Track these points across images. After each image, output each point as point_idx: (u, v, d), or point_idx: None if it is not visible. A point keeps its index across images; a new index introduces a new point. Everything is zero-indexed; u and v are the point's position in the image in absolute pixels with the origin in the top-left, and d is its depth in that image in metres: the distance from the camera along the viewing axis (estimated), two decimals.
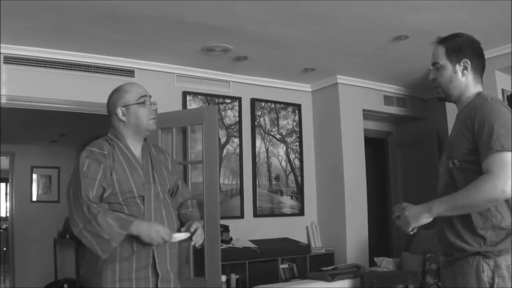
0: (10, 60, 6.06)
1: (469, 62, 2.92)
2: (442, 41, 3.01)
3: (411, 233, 2.85)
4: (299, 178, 8.21)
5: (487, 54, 3.18)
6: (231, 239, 6.90)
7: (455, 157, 2.81)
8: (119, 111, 3.40)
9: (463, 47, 2.94)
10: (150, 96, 3.51)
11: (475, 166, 2.70)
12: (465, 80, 2.94)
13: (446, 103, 7.12)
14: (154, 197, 3.31)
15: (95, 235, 3.00)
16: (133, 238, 3.12)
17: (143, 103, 3.43)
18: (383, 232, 9.76)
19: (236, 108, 7.64)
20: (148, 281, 3.20)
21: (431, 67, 3.04)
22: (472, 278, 2.67)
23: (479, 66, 2.97)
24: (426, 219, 2.76)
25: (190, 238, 3.34)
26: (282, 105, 8.16)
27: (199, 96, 7.26)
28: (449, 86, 2.96)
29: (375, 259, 6.95)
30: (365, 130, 8.42)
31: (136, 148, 3.44)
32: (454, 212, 2.72)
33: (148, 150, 3.53)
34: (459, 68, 2.93)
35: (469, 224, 2.72)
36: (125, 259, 3.15)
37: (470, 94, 2.94)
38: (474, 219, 2.70)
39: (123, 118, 3.40)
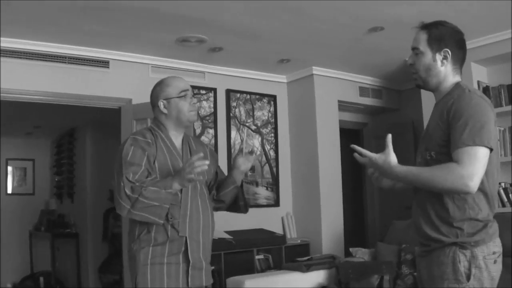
0: None
1: (449, 52, 2.90)
2: (426, 27, 2.96)
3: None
4: (274, 169, 8.21)
5: None
6: None
7: (432, 149, 2.80)
8: (161, 103, 3.51)
9: (445, 37, 2.91)
10: (192, 91, 3.60)
11: (450, 158, 2.68)
12: (443, 70, 2.91)
13: (422, 94, 7.26)
14: (192, 187, 3.40)
15: (145, 208, 3.14)
16: (169, 225, 3.25)
17: (184, 96, 3.51)
18: (358, 222, 9.81)
19: (211, 99, 7.61)
20: (179, 266, 3.30)
21: (411, 51, 3.01)
22: (449, 268, 2.67)
23: (460, 57, 2.95)
24: (389, 170, 2.82)
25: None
26: (257, 96, 8.15)
27: None
28: (427, 73, 2.93)
29: (351, 249, 6.97)
30: (340, 121, 8.44)
31: (177, 139, 3.55)
32: (413, 182, 2.78)
33: (188, 142, 3.63)
34: (439, 57, 2.90)
35: (446, 216, 2.73)
36: (159, 244, 3.26)
37: (448, 84, 2.92)
38: (451, 211, 2.71)
39: (165, 111, 3.50)
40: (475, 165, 2.57)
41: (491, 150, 2.63)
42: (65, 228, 10.44)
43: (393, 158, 2.82)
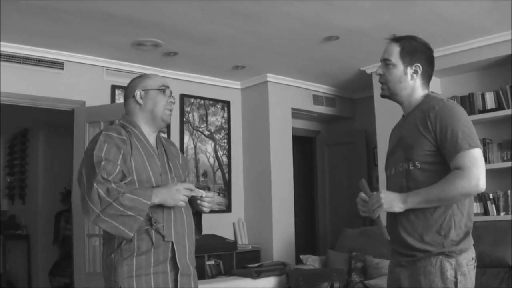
0: None
1: (420, 68, 2.94)
2: (399, 40, 3.00)
3: (375, 217, 2.82)
4: (226, 175, 8.20)
5: None
6: None
7: (416, 158, 2.81)
8: (138, 93, 3.31)
9: (418, 52, 2.96)
10: (171, 92, 3.43)
11: (438, 167, 2.76)
12: (412, 84, 2.96)
13: (375, 103, 7.33)
14: None
15: (118, 216, 2.90)
16: (153, 230, 3.04)
17: (163, 91, 3.35)
18: (309, 230, 9.86)
19: None
20: (167, 276, 3.09)
21: (381, 62, 3.04)
22: (437, 278, 2.69)
23: (429, 73, 3.01)
24: (398, 208, 2.76)
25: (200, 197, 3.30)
26: (211, 102, 8.14)
27: None
28: (397, 86, 2.96)
29: (301, 256, 7.00)
30: (293, 128, 8.48)
31: (150, 136, 3.33)
32: (428, 205, 2.73)
33: (161, 141, 3.43)
34: (410, 70, 2.94)
35: (431, 224, 2.75)
36: (143, 253, 3.02)
37: (418, 96, 2.97)
38: (437, 218, 2.74)
39: (140, 101, 3.30)
40: (477, 166, 2.66)
41: None
42: (16, 229, 10.23)
43: (393, 193, 2.82)
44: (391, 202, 2.76)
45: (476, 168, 2.64)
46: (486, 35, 6.34)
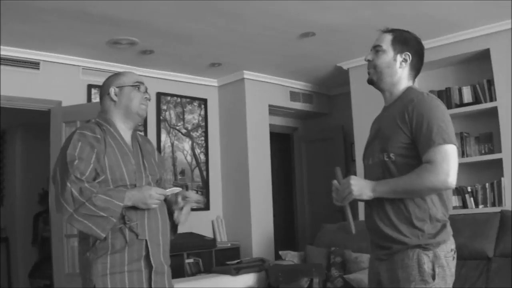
0: None
1: (410, 56, 2.97)
2: (391, 30, 3.04)
3: (345, 203, 2.84)
4: (204, 173, 8.19)
5: None
6: None
7: (391, 150, 2.82)
8: (112, 90, 3.31)
9: (409, 42, 2.99)
10: (146, 88, 3.44)
11: (412, 160, 2.75)
12: (400, 72, 2.97)
13: (352, 99, 7.35)
14: None
15: (90, 216, 2.90)
16: (126, 228, 3.03)
17: (138, 87, 3.36)
18: (288, 226, 9.88)
19: None
20: (141, 274, 3.09)
21: (371, 50, 3.04)
22: (415, 270, 2.70)
23: (417, 66, 3.03)
24: (367, 196, 2.78)
25: (186, 186, 3.29)
26: (188, 100, 8.12)
27: None
28: (385, 71, 2.97)
29: (280, 252, 7.00)
30: (271, 125, 8.50)
31: (126, 134, 3.33)
32: (395, 196, 2.75)
33: (136, 139, 3.43)
34: (399, 58, 2.96)
35: (406, 216, 2.76)
36: (117, 251, 3.02)
37: (401, 87, 2.98)
38: (412, 211, 2.75)
39: (115, 98, 3.31)
40: (448, 162, 2.64)
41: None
42: None
43: (364, 180, 2.84)
44: (362, 189, 2.78)
45: (446, 164, 2.64)
46: (463, 29, 6.41)
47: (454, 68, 7.00)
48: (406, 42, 2.99)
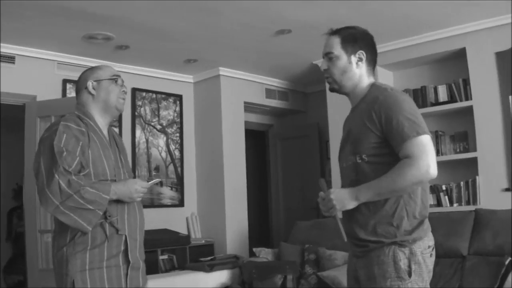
0: None
1: (364, 54, 2.92)
2: (337, 32, 2.97)
3: (333, 215, 2.81)
4: (179, 169, 8.17)
5: None
6: None
7: (363, 152, 2.79)
8: (90, 83, 3.28)
9: (358, 39, 2.93)
10: (123, 81, 3.41)
11: (386, 158, 2.73)
12: (359, 72, 2.92)
13: (327, 97, 7.38)
14: None
15: (76, 209, 2.88)
16: (107, 223, 3.02)
17: (115, 80, 3.33)
18: (263, 223, 9.89)
19: None
20: (120, 269, 3.07)
21: (323, 58, 2.99)
22: (390, 267, 2.68)
23: (373, 58, 2.98)
24: (351, 205, 2.74)
25: (161, 183, 3.27)
26: (163, 96, 8.09)
27: None
28: (343, 77, 2.92)
29: (254, 249, 7.01)
30: (246, 122, 8.50)
31: (104, 128, 3.31)
32: (380, 197, 2.71)
33: (113, 135, 3.41)
34: (354, 59, 2.91)
35: (383, 215, 2.74)
36: (97, 246, 3.00)
37: (364, 85, 2.93)
38: (389, 209, 2.73)
39: (93, 91, 3.27)
40: (427, 153, 2.62)
41: None
42: None
43: (345, 191, 2.80)
44: (343, 201, 2.74)
45: (425, 155, 2.61)
46: (440, 28, 6.45)
47: (430, 67, 7.04)
48: (356, 40, 2.93)
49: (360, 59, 2.92)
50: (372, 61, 2.98)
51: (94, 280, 2.97)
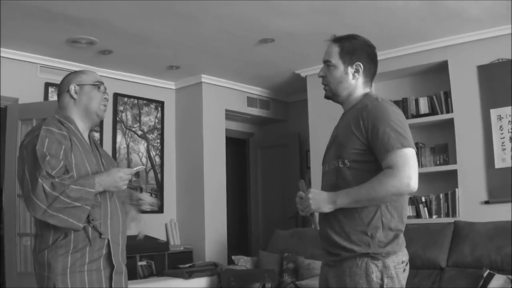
0: None
1: (361, 66, 2.92)
2: (338, 40, 2.98)
3: (308, 215, 2.82)
4: (159, 175, 8.16)
5: None
6: None
7: (346, 157, 2.79)
8: (72, 87, 3.27)
9: (357, 50, 2.93)
10: (105, 88, 3.41)
11: (368, 166, 2.73)
12: (354, 83, 2.93)
13: (308, 106, 7.40)
14: None
15: (65, 209, 2.86)
16: (90, 227, 3.01)
17: (98, 86, 3.33)
18: (242, 231, 9.89)
19: None
20: (101, 273, 3.07)
21: (323, 64, 3.00)
22: (362, 279, 2.67)
23: (371, 71, 2.98)
24: (327, 209, 2.74)
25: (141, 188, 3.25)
26: (145, 102, 8.09)
27: None
28: (338, 86, 2.94)
29: (233, 257, 7.01)
30: (227, 130, 8.51)
31: (84, 133, 3.31)
32: (358, 205, 2.71)
33: (93, 140, 3.42)
34: (350, 70, 2.92)
35: (358, 223, 2.73)
36: (79, 250, 2.99)
37: (357, 95, 2.94)
38: (364, 218, 2.72)
39: (75, 96, 3.27)
40: (409, 165, 2.62)
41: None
42: None
43: (323, 194, 2.80)
44: (319, 203, 2.75)
45: (408, 168, 2.61)
46: (422, 41, 6.51)
47: (411, 79, 7.10)
48: (354, 51, 2.93)
49: (357, 71, 2.93)
50: (370, 73, 2.99)
51: (75, 283, 2.96)
